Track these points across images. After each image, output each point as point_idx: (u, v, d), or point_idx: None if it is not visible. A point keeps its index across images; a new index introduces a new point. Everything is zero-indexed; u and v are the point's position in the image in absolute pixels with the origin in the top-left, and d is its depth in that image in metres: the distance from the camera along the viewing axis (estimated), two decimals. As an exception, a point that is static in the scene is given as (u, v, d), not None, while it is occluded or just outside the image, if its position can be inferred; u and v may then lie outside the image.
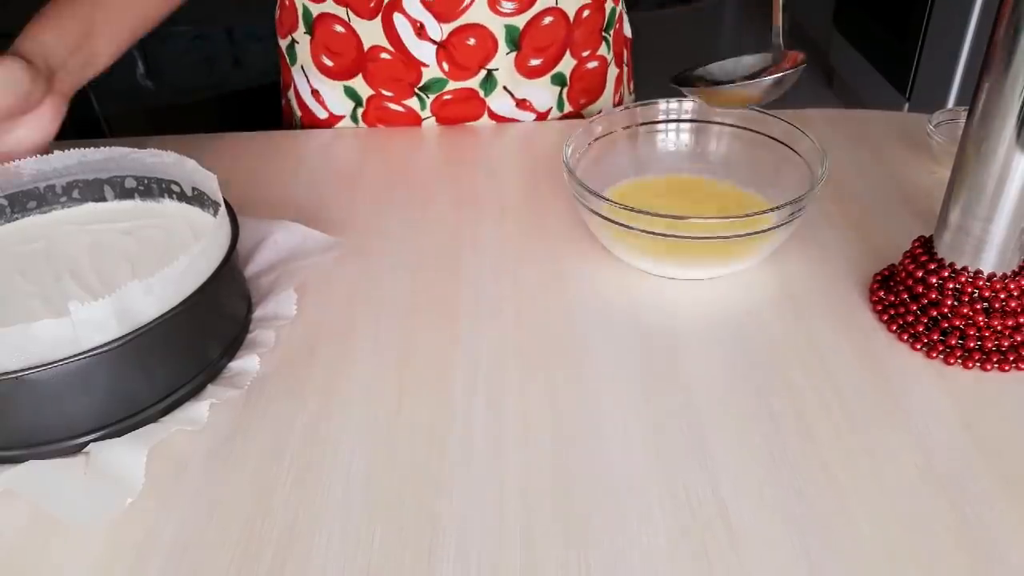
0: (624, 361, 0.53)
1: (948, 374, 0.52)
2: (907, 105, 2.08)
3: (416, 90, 0.81)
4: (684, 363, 0.53)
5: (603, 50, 0.85)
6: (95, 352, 0.45)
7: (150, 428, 0.48)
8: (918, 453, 0.47)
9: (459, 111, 0.83)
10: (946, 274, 0.52)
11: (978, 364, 0.52)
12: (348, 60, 0.81)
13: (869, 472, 0.46)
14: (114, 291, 0.45)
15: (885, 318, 0.55)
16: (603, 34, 0.85)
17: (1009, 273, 0.51)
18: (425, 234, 0.66)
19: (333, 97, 0.84)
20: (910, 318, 0.54)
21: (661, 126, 0.69)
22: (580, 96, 0.86)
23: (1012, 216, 0.49)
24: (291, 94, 0.89)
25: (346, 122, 0.85)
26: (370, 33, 0.79)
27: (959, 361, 0.52)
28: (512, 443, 0.48)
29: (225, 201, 0.55)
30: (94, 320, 0.44)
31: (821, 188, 0.57)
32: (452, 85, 0.81)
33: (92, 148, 0.60)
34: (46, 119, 0.62)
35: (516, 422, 0.49)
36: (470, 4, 0.76)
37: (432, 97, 0.81)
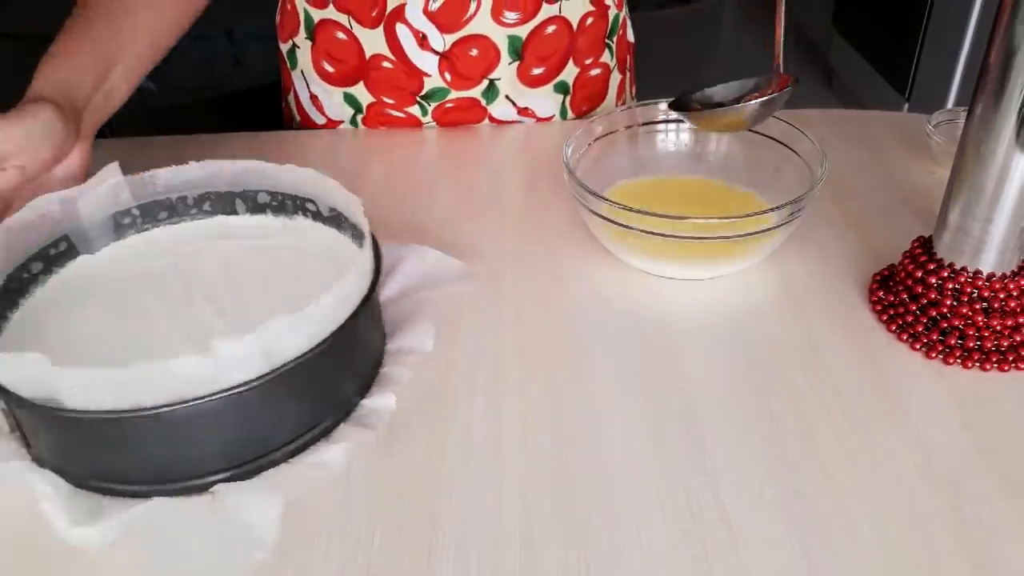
0: (624, 361, 0.53)
1: (947, 374, 0.52)
2: (907, 105, 2.08)
3: (418, 99, 0.81)
4: (684, 363, 0.53)
5: (606, 57, 0.85)
6: (234, 391, 0.42)
7: (281, 471, 0.46)
8: (917, 453, 0.47)
9: (461, 119, 0.82)
10: (945, 274, 0.52)
11: (977, 364, 0.52)
12: (349, 67, 0.81)
13: (868, 472, 0.46)
14: (251, 319, 0.42)
15: (884, 318, 0.55)
16: (606, 41, 0.84)
17: (1008, 273, 0.51)
18: (425, 234, 0.66)
19: (332, 103, 0.84)
20: (909, 318, 0.54)
21: (661, 126, 0.69)
22: (583, 104, 0.86)
23: (1011, 216, 0.49)
24: (291, 98, 0.89)
25: (345, 127, 0.85)
26: (372, 42, 0.78)
27: (958, 361, 0.52)
28: (512, 444, 0.48)
29: None
30: (238, 357, 0.42)
31: (821, 188, 0.57)
32: (454, 94, 0.80)
33: (228, 160, 0.57)
34: (75, 166, 0.57)
35: (516, 423, 0.49)
36: (473, 15, 0.76)
37: (434, 105, 0.81)
